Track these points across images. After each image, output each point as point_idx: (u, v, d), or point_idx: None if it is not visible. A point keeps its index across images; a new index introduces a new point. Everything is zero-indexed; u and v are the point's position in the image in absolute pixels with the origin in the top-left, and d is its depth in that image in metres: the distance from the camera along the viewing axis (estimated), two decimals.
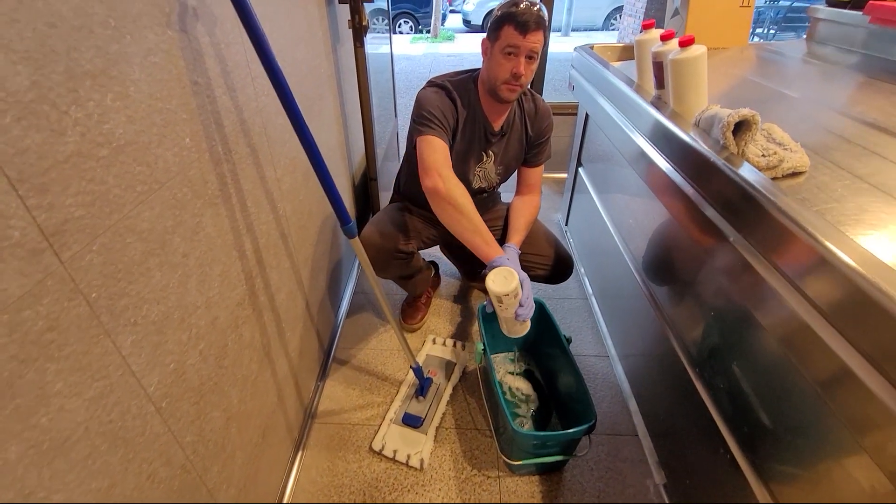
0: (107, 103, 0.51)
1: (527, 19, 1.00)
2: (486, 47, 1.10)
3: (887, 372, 0.49)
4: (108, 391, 0.52)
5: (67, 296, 0.46)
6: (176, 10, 0.64)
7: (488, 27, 1.09)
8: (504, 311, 0.95)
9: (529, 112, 1.25)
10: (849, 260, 0.53)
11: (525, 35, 1.01)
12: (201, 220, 0.71)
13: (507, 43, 1.03)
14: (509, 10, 1.02)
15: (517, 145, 1.27)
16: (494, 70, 1.08)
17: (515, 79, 1.06)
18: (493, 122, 1.20)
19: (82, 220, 0.48)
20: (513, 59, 1.04)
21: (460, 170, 1.23)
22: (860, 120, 0.90)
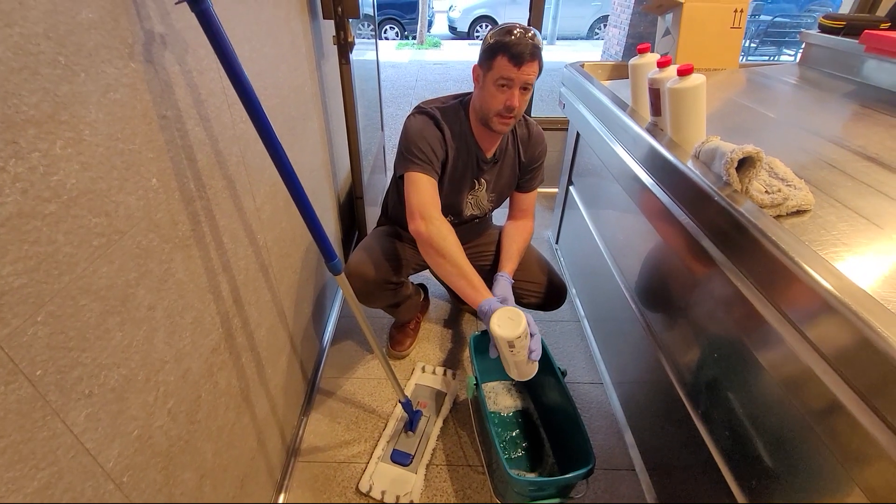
0: (55, 152, 0.45)
1: (521, 51, 0.95)
2: (478, 75, 1.05)
3: (877, 407, 0.49)
4: (56, 478, 0.46)
5: (4, 379, 0.40)
6: (141, 39, 0.58)
7: (480, 54, 1.04)
8: (516, 356, 0.87)
9: (523, 138, 1.21)
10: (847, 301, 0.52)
11: (520, 67, 0.96)
12: (170, 265, 0.64)
13: (500, 75, 0.98)
14: (503, 38, 0.97)
15: (509, 172, 1.23)
16: (487, 101, 1.03)
17: (509, 111, 1.01)
18: (486, 150, 1.15)
19: (23, 289, 0.42)
20: (506, 91, 1.00)
21: (452, 199, 1.19)
22: (861, 154, 0.88)
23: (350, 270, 1.18)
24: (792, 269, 0.60)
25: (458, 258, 0.97)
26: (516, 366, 0.90)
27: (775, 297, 0.64)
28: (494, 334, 0.85)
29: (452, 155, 1.12)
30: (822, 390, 0.56)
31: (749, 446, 0.74)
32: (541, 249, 1.93)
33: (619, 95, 1.29)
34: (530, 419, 1.26)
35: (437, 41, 8.54)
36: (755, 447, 0.72)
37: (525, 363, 0.89)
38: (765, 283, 0.66)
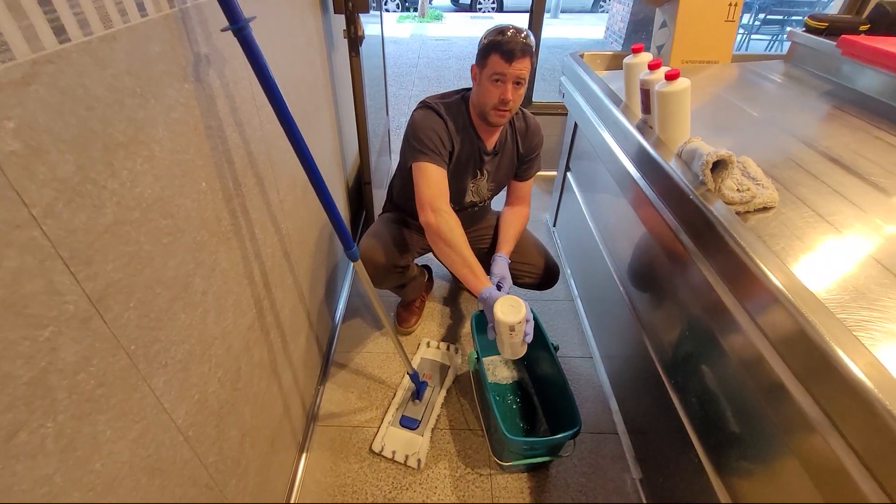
0: (137, 168, 0.55)
1: (512, 48, 1.04)
2: (476, 73, 1.14)
3: (810, 388, 0.58)
4: (146, 430, 0.58)
5: (111, 352, 0.51)
6: (191, 61, 0.66)
7: (476, 54, 1.13)
8: (514, 338, 0.98)
9: (521, 130, 1.30)
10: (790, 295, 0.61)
11: (511, 63, 1.05)
12: (216, 256, 0.75)
13: (493, 70, 1.07)
14: (496, 38, 1.06)
15: (508, 163, 1.32)
16: (484, 96, 1.12)
17: (503, 105, 1.10)
18: (487, 143, 1.24)
19: (121, 282, 0.52)
20: (500, 85, 1.08)
21: (455, 188, 1.28)
22: (826, 154, 0.97)
23: (361, 256, 1.29)
24: (748, 264, 0.69)
25: (462, 249, 1.07)
26: (511, 346, 1.00)
27: (734, 287, 0.74)
28: (498, 320, 0.95)
29: (457, 147, 1.21)
30: (768, 370, 0.64)
31: (711, 412, 0.86)
32: (539, 232, 2.04)
33: (614, 88, 1.37)
34: (526, 389, 1.39)
35: (440, 13, 8.39)
36: (716, 413, 0.85)
37: (519, 344, 1.00)
38: (727, 275, 0.76)
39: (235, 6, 0.64)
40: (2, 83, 0.38)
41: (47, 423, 0.43)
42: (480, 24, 7.76)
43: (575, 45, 6.34)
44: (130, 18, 0.53)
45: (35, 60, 0.41)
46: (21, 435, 0.40)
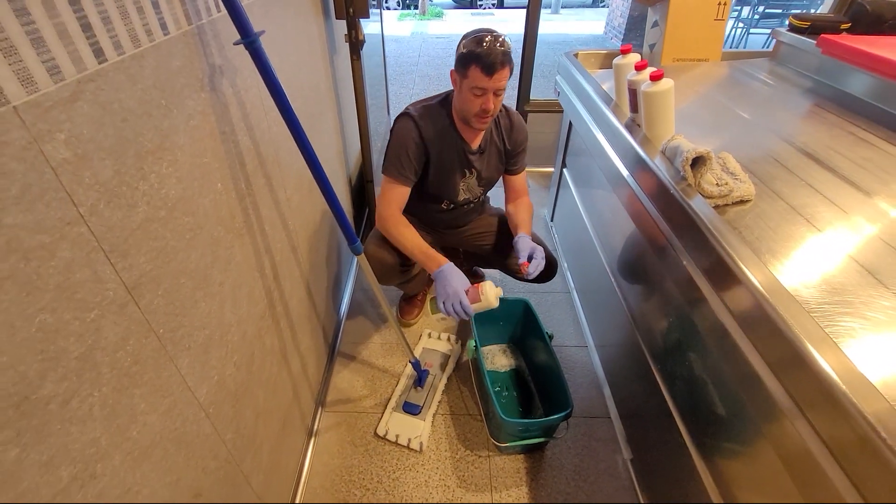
0: (163, 171, 0.61)
1: (492, 61, 1.06)
2: (455, 80, 1.17)
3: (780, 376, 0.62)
4: (173, 405, 0.64)
5: (144, 334, 0.58)
6: (207, 73, 0.73)
7: (455, 61, 1.15)
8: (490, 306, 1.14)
9: (506, 127, 1.34)
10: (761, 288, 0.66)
11: (491, 76, 1.08)
12: (231, 250, 0.82)
13: (474, 84, 1.10)
14: (475, 49, 1.07)
15: (496, 160, 1.37)
16: (465, 105, 1.16)
17: (485, 114, 1.15)
18: (471, 143, 1.29)
19: (151, 272, 0.59)
20: (481, 97, 1.12)
21: (446, 187, 1.33)
22: (802, 150, 1.02)
23: (368, 256, 1.35)
24: (723, 257, 0.74)
25: (411, 242, 1.24)
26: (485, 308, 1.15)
27: (711, 278, 0.79)
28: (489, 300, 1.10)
29: (436, 152, 1.26)
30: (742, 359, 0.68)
31: (693, 397, 0.92)
32: (537, 227, 2.09)
33: (607, 87, 1.42)
34: (522, 376, 1.46)
35: (440, 11, 8.41)
36: (698, 397, 0.90)
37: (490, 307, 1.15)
38: (704, 267, 0.81)
39: (246, 21, 0.70)
40: (54, 101, 0.44)
41: (94, 393, 0.50)
42: (481, 22, 7.78)
43: (575, 40, 6.36)
44: (155, 38, 0.60)
45: (80, 80, 0.47)
46: (73, 402, 0.47)
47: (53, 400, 0.45)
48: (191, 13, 0.68)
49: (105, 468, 0.51)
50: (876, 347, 0.61)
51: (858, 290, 0.70)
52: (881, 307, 0.66)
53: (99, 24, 0.50)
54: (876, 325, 0.64)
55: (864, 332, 0.63)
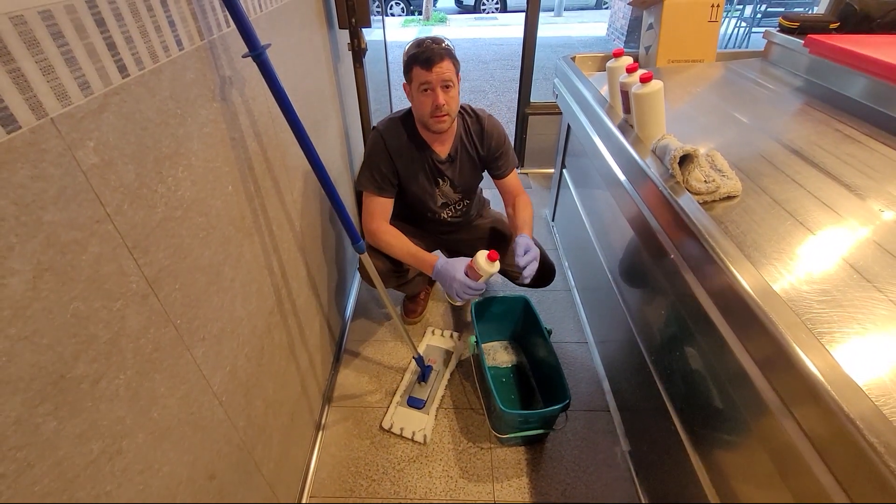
0: (179, 175, 0.67)
1: (430, 55, 1.11)
2: (407, 90, 1.22)
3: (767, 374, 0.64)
4: (190, 391, 0.70)
5: (164, 324, 0.63)
6: (218, 84, 0.79)
7: (404, 70, 1.20)
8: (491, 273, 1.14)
9: (476, 133, 1.34)
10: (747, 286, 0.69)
11: (432, 69, 1.12)
12: (241, 249, 0.87)
13: (419, 82, 1.14)
14: (413, 52, 1.14)
15: (470, 166, 1.37)
16: (419, 108, 1.20)
17: (438, 110, 1.16)
18: (439, 151, 1.31)
19: (169, 267, 0.64)
20: (430, 93, 1.15)
21: (422, 198, 1.37)
22: (789, 147, 1.05)
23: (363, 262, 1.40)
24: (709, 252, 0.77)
25: (400, 247, 1.28)
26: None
27: (699, 275, 0.82)
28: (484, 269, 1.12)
29: (402, 164, 1.30)
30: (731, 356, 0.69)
31: (686, 389, 0.95)
32: (538, 226, 2.14)
33: (604, 89, 1.46)
34: (523, 371, 1.49)
35: (444, 16, 8.50)
36: (691, 392, 0.92)
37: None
38: (692, 264, 0.84)
39: (253, 35, 0.76)
40: (85, 113, 0.50)
41: (120, 375, 0.55)
42: (485, 26, 7.85)
43: (578, 43, 6.39)
44: (171, 53, 0.65)
45: (106, 93, 0.53)
46: (102, 382, 0.52)
47: (85, 379, 0.50)
48: (203, 29, 0.74)
49: (130, 445, 0.57)
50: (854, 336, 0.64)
51: (839, 281, 0.73)
52: (858, 297, 0.69)
53: (122, 43, 0.55)
54: (852, 313, 0.67)
55: (841, 320, 0.66)
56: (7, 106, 0.41)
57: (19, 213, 0.42)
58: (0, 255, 0.40)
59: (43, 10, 0.45)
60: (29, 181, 0.43)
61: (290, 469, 1.13)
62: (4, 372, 0.41)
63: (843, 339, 0.64)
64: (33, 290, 0.43)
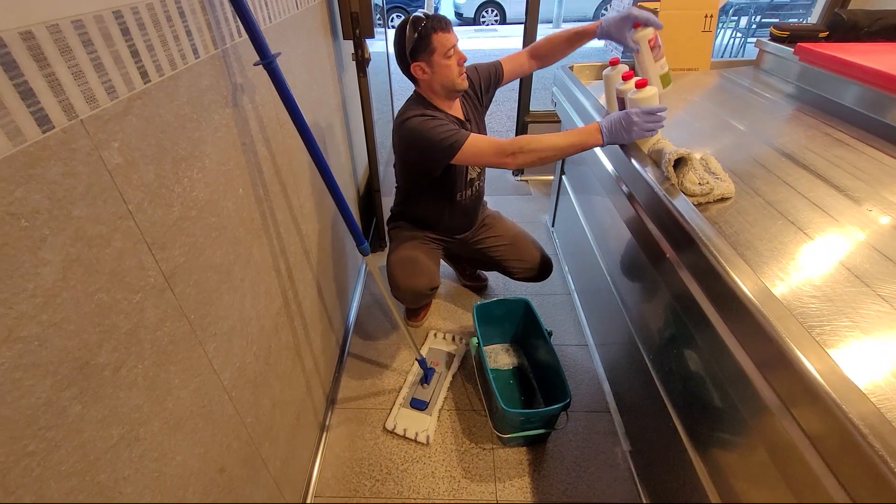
0: (194, 176, 0.70)
1: (443, 21, 1.17)
2: (422, 67, 1.21)
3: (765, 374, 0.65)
4: (202, 384, 0.72)
5: (178, 318, 0.66)
6: (230, 90, 0.82)
7: (413, 51, 1.19)
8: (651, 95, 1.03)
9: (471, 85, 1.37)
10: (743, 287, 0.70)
11: (450, 31, 1.19)
12: (251, 250, 0.90)
13: (445, 46, 1.18)
14: (425, 25, 1.16)
15: (476, 114, 1.42)
16: (446, 73, 1.21)
17: (462, 65, 1.24)
18: (458, 114, 1.36)
19: (184, 264, 0.67)
20: (453, 55, 1.21)
21: (453, 180, 1.40)
22: (781, 151, 1.09)
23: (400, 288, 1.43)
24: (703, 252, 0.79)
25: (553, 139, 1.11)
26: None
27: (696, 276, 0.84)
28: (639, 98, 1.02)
29: None
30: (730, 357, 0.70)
31: (687, 392, 0.96)
32: (538, 232, 2.17)
33: (599, 98, 1.50)
34: (524, 373, 1.51)
35: None
36: (691, 393, 0.94)
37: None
38: (688, 263, 0.86)
39: (265, 45, 0.80)
40: (111, 115, 0.53)
41: (138, 365, 0.58)
42: (485, 38, 7.96)
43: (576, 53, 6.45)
44: (188, 61, 0.69)
45: (130, 97, 0.56)
46: (122, 370, 0.55)
47: (107, 367, 0.52)
48: (217, 39, 0.77)
49: (146, 432, 0.59)
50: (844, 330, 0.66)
51: (830, 278, 0.75)
52: (849, 293, 0.72)
53: (144, 51, 0.59)
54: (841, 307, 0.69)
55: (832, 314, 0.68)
56: (43, 107, 0.44)
57: (52, 207, 0.45)
58: (35, 245, 0.43)
59: (75, 19, 0.48)
60: (60, 178, 0.46)
61: (295, 468, 1.15)
62: (37, 355, 0.43)
63: (834, 333, 0.66)
64: (63, 279, 0.46)
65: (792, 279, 0.76)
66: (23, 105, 0.42)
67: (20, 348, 0.42)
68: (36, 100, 0.43)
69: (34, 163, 0.43)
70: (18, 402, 0.42)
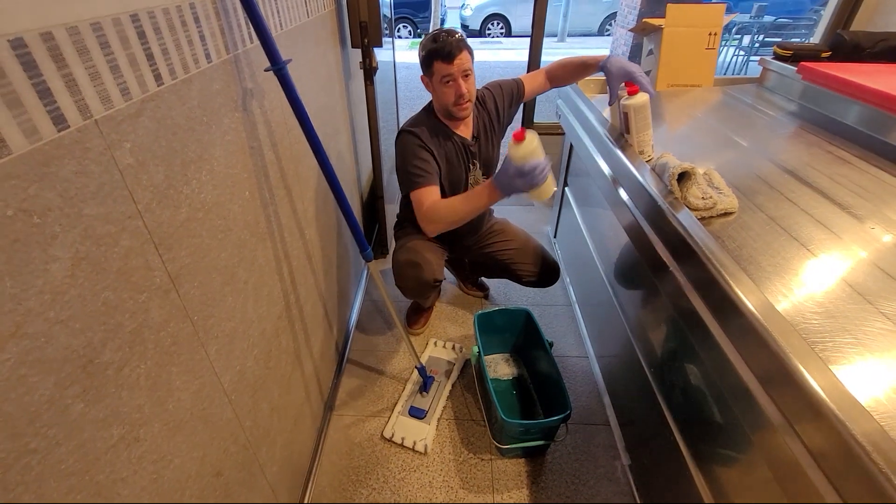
0: (202, 178, 0.71)
1: (449, 49, 1.18)
2: (427, 82, 1.29)
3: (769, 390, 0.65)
4: (203, 386, 0.72)
5: (182, 319, 0.66)
6: (240, 95, 0.83)
7: (421, 65, 1.26)
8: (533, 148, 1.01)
9: (489, 104, 1.41)
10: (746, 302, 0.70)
11: (452, 62, 1.19)
12: (255, 253, 0.90)
13: (441, 75, 1.21)
14: (432, 46, 1.20)
15: (490, 145, 1.45)
16: (443, 98, 1.27)
17: (461, 99, 1.24)
18: (465, 134, 1.38)
19: (190, 265, 0.68)
20: (452, 84, 1.23)
21: (456, 187, 1.42)
22: (783, 168, 1.09)
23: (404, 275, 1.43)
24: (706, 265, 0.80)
25: (460, 205, 1.17)
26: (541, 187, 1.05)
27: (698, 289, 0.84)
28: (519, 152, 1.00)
29: (441, 153, 1.35)
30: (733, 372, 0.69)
31: (688, 404, 0.95)
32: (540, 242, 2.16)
33: (604, 111, 1.51)
34: (524, 384, 1.51)
35: None
36: (692, 407, 0.93)
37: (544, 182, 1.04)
38: (691, 276, 0.86)
39: (276, 51, 0.81)
40: (124, 116, 0.54)
41: (141, 365, 0.58)
42: (489, 50, 8.05)
43: None
44: (201, 65, 0.70)
45: (143, 99, 0.57)
46: (125, 370, 0.55)
47: (111, 366, 0.52)
48: (229, 44, 0.78)
49: (147, 433, 0.59)
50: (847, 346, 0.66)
51: (832, 294, 0.75)
52: (851, 309, 0.72)
53: (159, 54, 0.60)
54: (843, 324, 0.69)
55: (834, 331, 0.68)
56: (59, 107, 0.45)
57: (63, 205, 0.46)
58: (45, 242, 0.44)
59: (94, 21, 0.49)
60: (73, 176, 0.47)
61: (292, 474, 1.14)
62: (42, 352, 0.44)
63: (836, 350, 0.66)
64: (71, 277, 0.47)
65: (795, 295, 0.76)
66: (40, 104, 0.43)
67: (26, 345, 0.42)
68: (53, 99, 0.44)
69: (49, 161, 0.44)
70: (22, 399, 0.42)
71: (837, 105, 1.25)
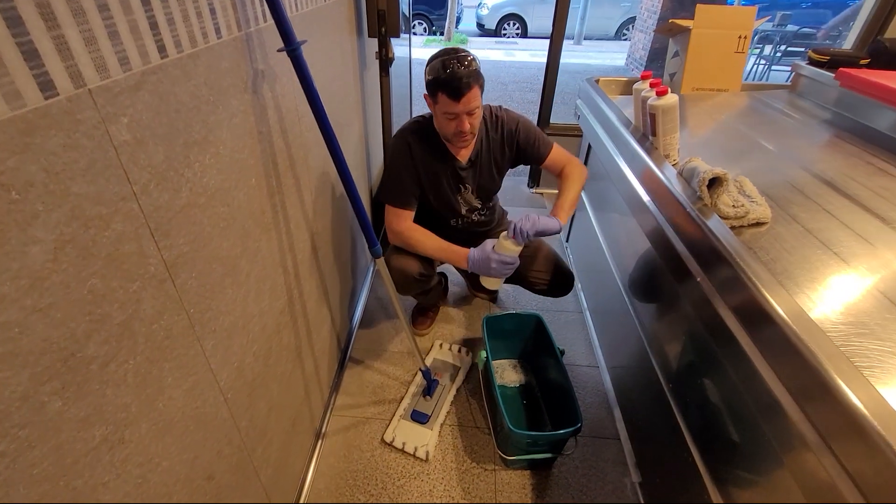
0: (206, 162, 0.66)
1: (458, 86, 1.06)
2: (429, 102, 1.18)
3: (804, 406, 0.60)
4: (196, 384, 0.67)
5: (177, 312, 0.61)
6: (251, 76, 0.78)
7: (426, 83, 1.14)
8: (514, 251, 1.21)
9: (501, 135, 1.31)
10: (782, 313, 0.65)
11: (459, 100, 1.08)
12: (259, 244, 0.86)
13: (444, 110, 1.11)
14: (440, 76, 1.07)
15: (488, 173, 1.35)
16: (442, 128, 1.19)
17: (462, 135, 1.16)
18: (460, 157, 1.31)
19: (188, 254, 0.63)
20: (454, 120, 1.13)
21: (445, 204, 1.37)
22: (820, 177, 1.03)
23: (390, 267, 1.38)
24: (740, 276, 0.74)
25: (429, 243, 1.28)
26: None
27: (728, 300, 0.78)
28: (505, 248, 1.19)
29: (426, 172, 1.29)
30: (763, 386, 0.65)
31: (708, 420, 0.89)
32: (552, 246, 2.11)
33: (627, 112, 1.46)
34: (532, 392, 1.45)
35: (465, 38, 8.67)
36: (714, 424, 0.87)
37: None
38: (721, 287, 0.81)
39: (291, 31, 0.76)
40: (122, 88, 0.49)
41: (129, 360, 0.53)
42: (504, 49, 7.99)
43: (596, 70, 6.47)
44: (210, 40, 0.65)
45: (144, 71, 0.52)
46: (111, 365, 0.50)
47: (95, 361, 0.48)
48: (241, 21, 0.74)
49: (132, 434, 0.54)
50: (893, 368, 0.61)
51: (876, 313, 0.70)
52: None
53: (164, 24, 0.55)
54: (891, 347, 0.64)
55: (881, 354, 0.63)
56: (48, 71, 0.40)
57: (48, 181, 0.41)
58: (25, 221, 0.39)
59: None
60: (61, 149, 0.42)
61: (287, 476, 1.09)
62: (15, 344, 0.39)
63: (881, 368, 0.60)
64: (53, 261, 0.42)
65: (834, 312, 0.71)
66: (25, 66, 0.38)
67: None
68: (40, 62, 0.40)
69: (32, 130, 0.39)
70: None
71: (879, 114, 1.18)
